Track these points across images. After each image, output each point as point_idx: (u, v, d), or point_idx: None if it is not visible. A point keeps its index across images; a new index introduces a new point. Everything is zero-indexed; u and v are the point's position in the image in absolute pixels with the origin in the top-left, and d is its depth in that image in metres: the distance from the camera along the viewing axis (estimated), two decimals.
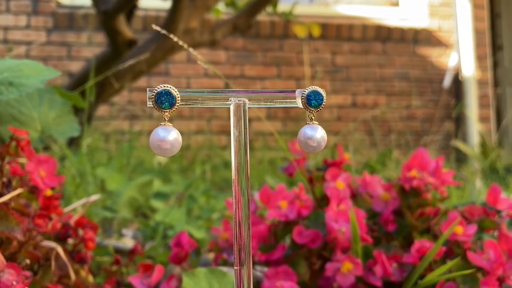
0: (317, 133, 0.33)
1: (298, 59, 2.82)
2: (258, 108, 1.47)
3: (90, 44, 2.56)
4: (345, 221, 0.56)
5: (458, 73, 3.00)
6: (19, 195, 0.49)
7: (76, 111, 0.89)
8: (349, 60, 2.89)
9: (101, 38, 2.52)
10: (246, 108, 0.33)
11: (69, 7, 2.59)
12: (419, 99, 2.95)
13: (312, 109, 0.33)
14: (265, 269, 0.60)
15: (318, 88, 0.33)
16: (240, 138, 0.32)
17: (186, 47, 0.64)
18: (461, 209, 0.61)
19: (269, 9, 1.98)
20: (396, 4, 3.10)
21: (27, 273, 0.43)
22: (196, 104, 0.32)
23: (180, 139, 0.30)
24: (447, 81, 2.98)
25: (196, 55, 0.63)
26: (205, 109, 2.64)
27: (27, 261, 0.45)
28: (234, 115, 0.32)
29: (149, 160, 1.73)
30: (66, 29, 2.56)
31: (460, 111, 2.95)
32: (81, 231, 0.54)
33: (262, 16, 2.64)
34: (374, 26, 2.91)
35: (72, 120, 0.67)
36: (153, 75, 2.60)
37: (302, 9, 2.70)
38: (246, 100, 0.33)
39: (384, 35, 2.92)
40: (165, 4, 2.40)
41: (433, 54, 3.00)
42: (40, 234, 0.48)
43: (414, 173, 0.61)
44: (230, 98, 0.32)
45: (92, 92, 1.18)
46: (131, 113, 2.57)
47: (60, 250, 0.50)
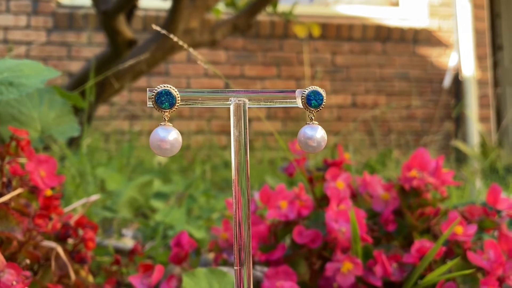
0: (317, 133, 0.33)
1: (298, 59, 2.82)
2: (258, 108, 1.47)
3: (90, 44, 2.56)
4: (345, 221, 0.56)
5: (458, 73, 3.00)
6: (19, 195, 0.49)
7: (76, 111, 0.89)
8: (349, 60, 2.89)
9: (101, 38, 2.52)
10: (246, 108, 0.33)
11: (69, 7, 2.59)
12: (419, 99, 2.95)
13: (312, 109, 0.33)
14: (265, 269, 0.60)
15: (318, 88, 0.33)
16: (240, 138, 0.32)
17: (186, 47, 0.64)
18: (461, 209, 0.61)
19: (269, 9, 1.98)
20: (396, 4, 3.10)
21: (27, 273, 0.43)
22: (196, 104, 0.32)
23: (180, 139, 0.30)
24: (447, 81, 2.98)
25: (196, 55, 0.63)
26: (205, 109, 2.64)
27: (27, 261, 0.45)
28: (234, 115, 0.32)
29: (149, 160, 1.73)
30: (66, 29, 2.56)
31: (460, 111, 2.95)
32: (81, 231, 0.54)
33: (262, 16, 2.64)
34: (374, 26, 2.91)
35: (72, 120, 0.67)
36: (153, 75, 2.60)
37: (302, 9, 2.70)
38: (246, 100, 0.33)
39: (384, 35, 2.92)
40: (165, 4, 2.40)
41: (433, 54, 3.00)
42: (40, 234, 0.48)
43: (414, 173, 0.61)
44: (230, 98, 0.32)
45: (92, 92, 1.18)
46: (131, 113, 2.57)
47: (60, 250, 0.50)
